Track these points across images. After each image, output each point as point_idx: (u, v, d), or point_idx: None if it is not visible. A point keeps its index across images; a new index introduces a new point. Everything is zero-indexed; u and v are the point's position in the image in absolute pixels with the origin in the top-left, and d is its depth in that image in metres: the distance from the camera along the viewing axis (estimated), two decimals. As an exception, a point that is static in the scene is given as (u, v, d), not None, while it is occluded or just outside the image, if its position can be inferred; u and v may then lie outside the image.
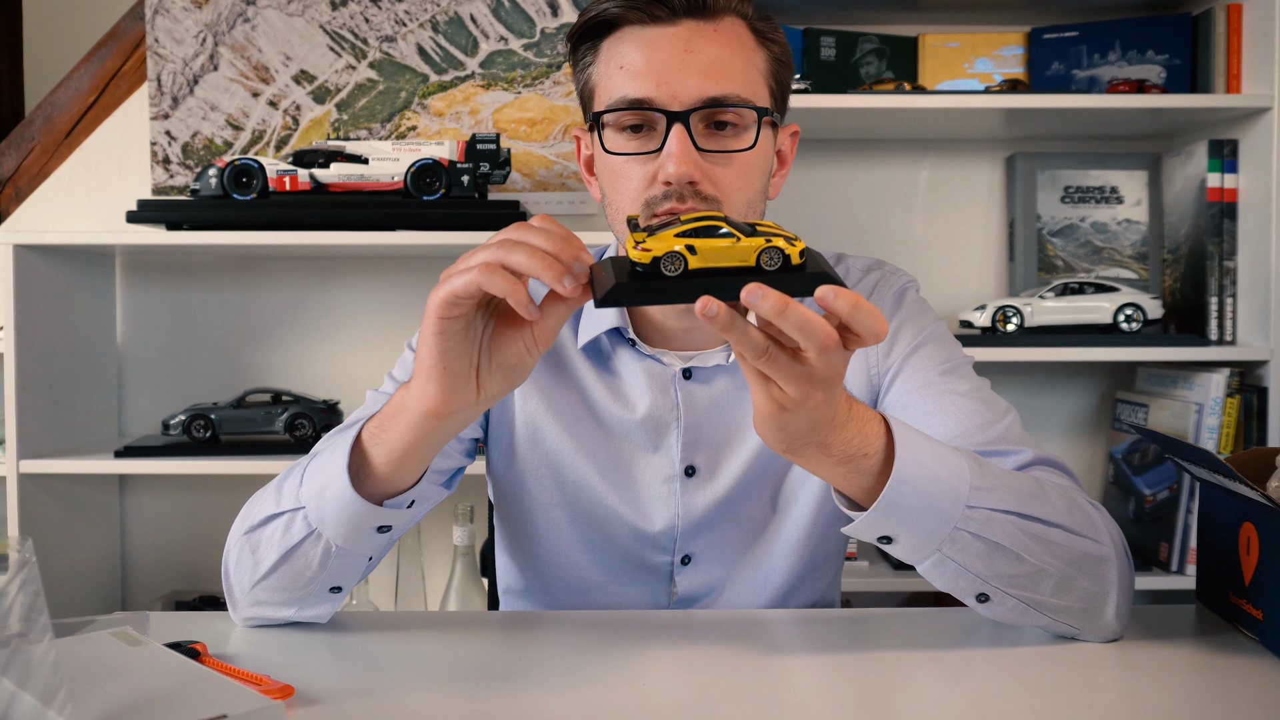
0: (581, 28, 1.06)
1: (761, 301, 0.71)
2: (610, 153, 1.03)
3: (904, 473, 0.83)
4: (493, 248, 0.79)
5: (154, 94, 2.13)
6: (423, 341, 0.83)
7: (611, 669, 0.88)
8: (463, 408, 0.85)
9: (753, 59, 1.04)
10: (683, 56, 1.00)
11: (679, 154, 0.98)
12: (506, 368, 0.85)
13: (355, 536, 0.92)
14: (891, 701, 0.82)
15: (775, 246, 0.75)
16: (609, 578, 1.14)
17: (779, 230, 0.77)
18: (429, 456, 0.91)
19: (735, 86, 1.01)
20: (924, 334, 1.11)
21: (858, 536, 0.87)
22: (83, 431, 2.03)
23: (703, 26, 1.01)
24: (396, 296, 2.18)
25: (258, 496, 1.00)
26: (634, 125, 1.02)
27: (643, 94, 1.00)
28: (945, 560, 0.87)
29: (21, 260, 1.84)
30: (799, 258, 0.75)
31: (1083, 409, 2.25)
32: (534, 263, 0.77)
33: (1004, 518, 0.87)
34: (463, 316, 0.81)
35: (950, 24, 2.20)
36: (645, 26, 1.02)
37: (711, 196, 1.00)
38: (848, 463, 0.83)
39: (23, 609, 0.66)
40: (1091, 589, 0.90)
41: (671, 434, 1.11)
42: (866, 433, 0.83)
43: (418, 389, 0.85)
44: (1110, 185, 2.18)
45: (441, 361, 0.83)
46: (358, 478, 0.90)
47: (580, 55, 1.07)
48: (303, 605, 0.97)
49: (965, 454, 0.88)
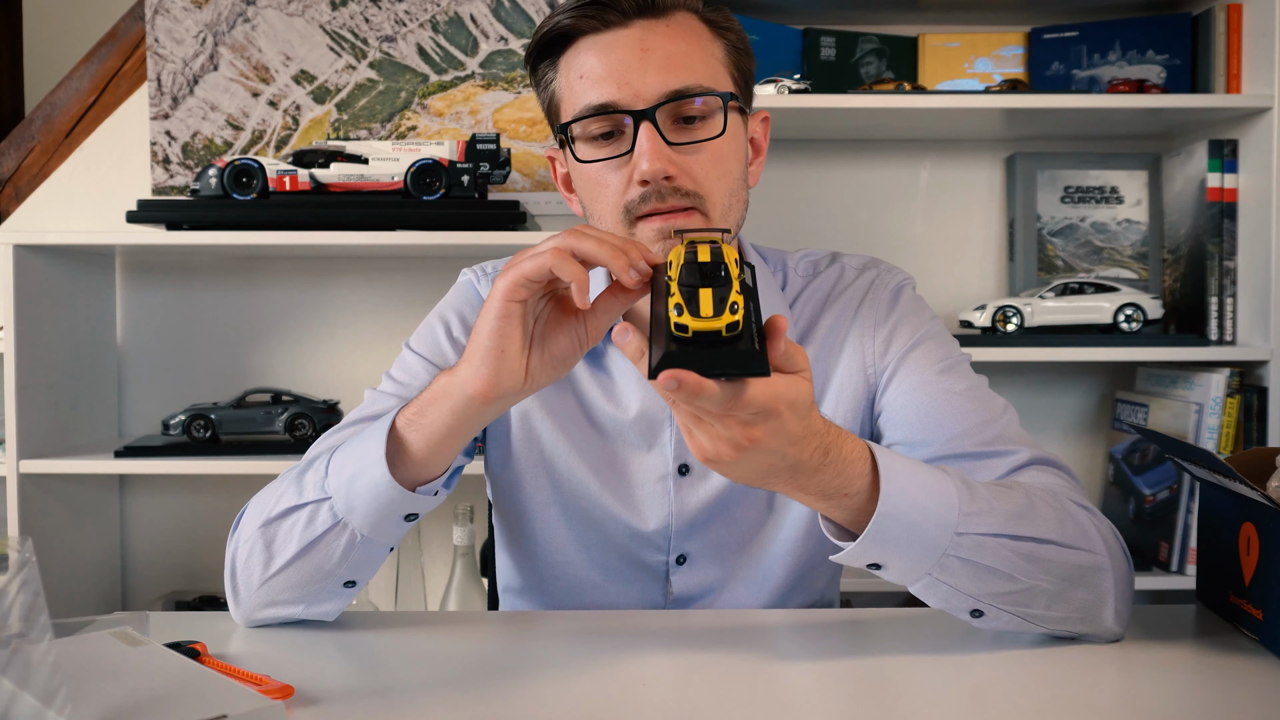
0: (537, 46, 1.06)
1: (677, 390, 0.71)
2: (583, 161, 1.03)
3: (890, 507, 0.83)
4: (562, 236, 0.84)
5: (154, 94, 2.13)
6: (483, 323, 0.86)
7: (610, 669, 0.88)
8: (509, 392, 0.88)
9: (710, 49, 1.04)
10: (640, 55, 1.00)
11: (651, 150, 0.98)
12: (556, 359, 0.89)
13: (383, 525, 0.94)
14: (891, 702, 0.82)
15: (676, 306, 0.72)
16: (605, 577, 1.14)
17: (719, 300, 0.72)
18: (465, 441, 0.93)
19: (696, 77, 1.01)
20: (920, 332, 1.11)
21: (846, 564, 0.87)
22: (83, 431, 2.03)
23: (655, 24, 1.02)
24: (396, 296, 2.18)
25: (268, 492, 1.00)
26: (604, 133, 1.02)
27: (606, 98, 1.00)
28: (936, 583, 0.87)
29: (21, 260, 1.84)
30: (674, 330, 0.71)
31: (1083, 409, 2.25)
32: (604, 251, 0.82)
33: (994, 541, 0.86)
34: (526, 301, 0.85)
35: (950, 24, 2.20)
36: (599, 33, 1.02)
37: (691, 191, 1.00)
38: (827, 499, 0.83)
39: (23, 609, 0.66)
40: (1087, 599, 0.90)
41: (665, 433, 1.11)
42: (847, 474, 0.82)
43: (469, 370, 0.88)
44: (1110, 185, 2.18)
45: (500, 344, 0.86)
46: (392, 463, 0.92)
47: (541, 74, 1.08)
48: (313, 601, 0.98)
49: (954, 477, 0.88)
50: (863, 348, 1.11)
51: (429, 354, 1.12)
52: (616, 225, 1.02)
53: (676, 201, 1.00)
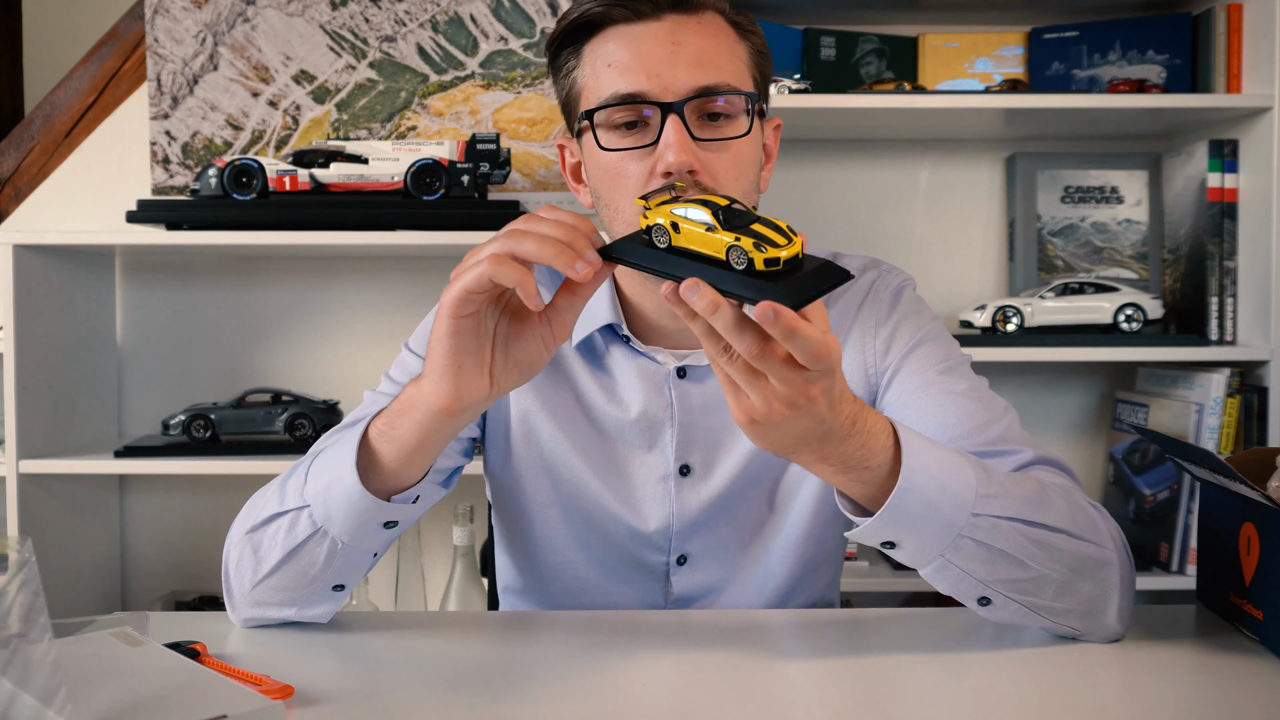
0: (563, 31, 1.05)
1: (694, 298, 0.72)
2: (605, 149, 1.03)
3: (910, 482, 0.83)
4: (501, 239, 0.79)
5: (154, 94, 2.13)
6: (436, 340, 0.83)
7: (609, 669, 0.88)
8: (474, 403, 0.86)
9: (736, 50, 1.05)
10: (671, 49, 1.00)
11: (677, 143, 0.98)
12: (522, 364, 0.86)
13: (361, 533, 0.93)
14: (891, 702, 0.82)
15: (740, 247, 0.74)
16: (605, 577, 1.14)
17: (776, 230, 0.75)
18: (438, 451, 0.92)
19: (725, 76, 1.01)
20: (922, 333, 1.11)
21: (862, 541, 0.87)
22: (83, 431, 2.03)
23: (686, 20, 1.02)
24: (396, 296, 2.18)
25: (259, 496, 1.00)
26: (626, 123, 1.02)
27: (634, 88, 1.00)
28: (948, 565, 0.87)
29: (21, 260, 1.84)
30: (764, 265, 0.73)
31: (1083, 409, 2.25)
32: (545, 250, 0.77)
33: (1009, 524, 0.87)
34: (476, 314, 0.82)
35: (950, 24, 2.20)
36: (630, 24, 1.02)
37: (710, 187, 1.00)
38: (848, 472, 0.84)
39: (23, 609, 0.66)
40: (1093, 593, 0.90)
41: (666, 433, 1.11)
42: (871, 446, 0.83)
43: (430, 386, 0.85)
44: (1110, 185, 2.18)
45: (455, 360, 0.83)
46: (365, 474, 0.90)
47: (562, 61, 1.07)
48: (304, 605, 0.97)
49: (971, 460, 0.88)
50: (864, 348, 1.11)
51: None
52: (635, 214, 1.02)
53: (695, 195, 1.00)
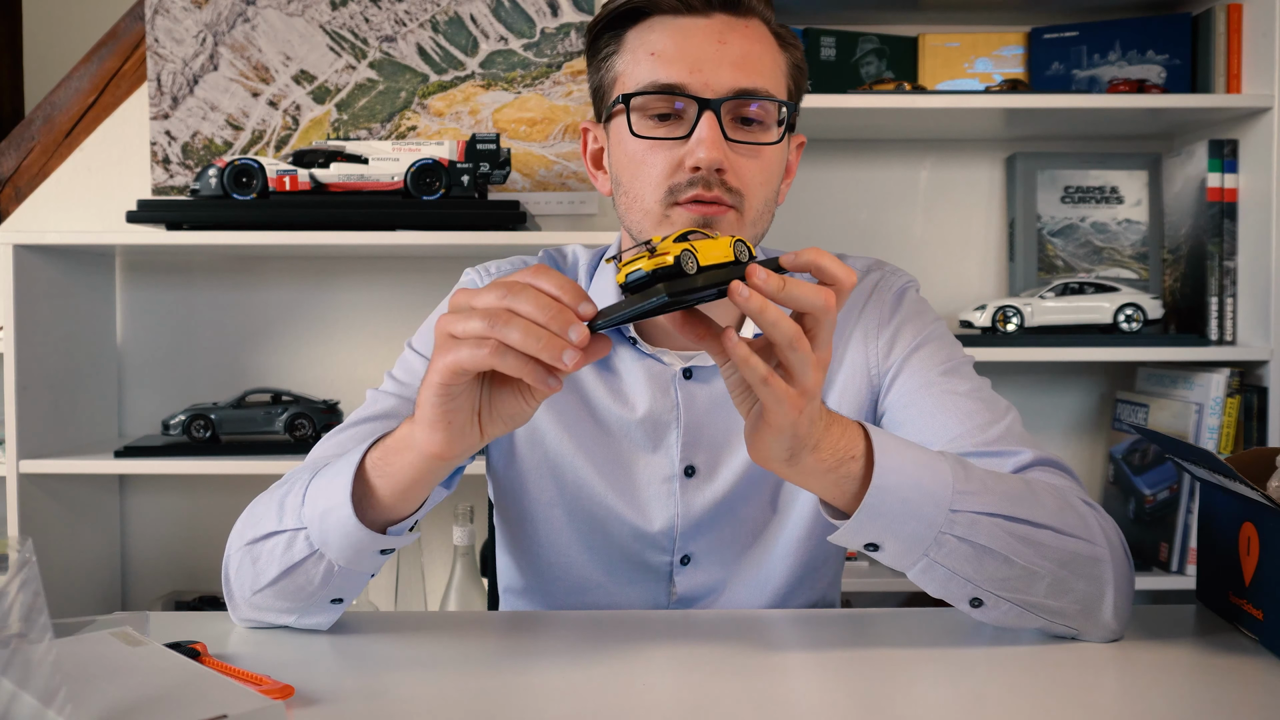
0: (608, 16, 1.06)
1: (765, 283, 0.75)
2: (637, 135, 1.02)
3: (884, 480, 0.84)
4: (489, 321, 0.76)
5: (154, 94, 2.13)
6: (426, 396, 0.82)
7: (611, 669, 0.88)
8: (467, 452, 0.85)
9: (778, 59, 1.05)
10: (716, 47, 1.01)
11: (710, 140, 0.98)
12: (507, 417, 0.84)
13: (358, 559, 0.92)
14: (891, 702, 0.82)
15: (740, 240, 0.79)
16: (608, 577, 1.14)
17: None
18: (432, 488, 0.91)
19: (765, 81, 1.02)
20: (924, 334, 1.11)
21: (844, 544, 0.87)
22: (83, 431, 2.03)
23: (735, 21, 1.03)
24: (396, 296, 2.18)
25: (257, 505, 0.99)
26: (660, 114, 1.02)
27: (675, 79, 1.00)
28: (933, 565, 0.87)
29: (21, 260, 1.84)
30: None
31: (1083, 409, 2.25)
32: (529, 342, 0.75)
33: (989, 520, 0.87)
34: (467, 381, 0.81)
35: (950, 24, 2.20)
36: (677, 16, 1.03)
37: (736, 189, 1.00)
38: (838, 467, 0.84)
39: (23, 609, 0.66)
40: (1087, 590, 0.90)
41: (671, 434, 1.11)
42: (850, 434, 0.85)
43: (422, 435, 0.84)
44: (1110, 185, 2.18)
45: (445, 418, 0.82)
46: (361, 505, 0.90)
47: (602, 45, 1.07)
48: (303, 614, 0.97)
49: (949, 458, 0.88)
50: (866, 349, 1.12)
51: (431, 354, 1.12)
52: (656, 204, 1.02)
53: (720, 194, 1.00)
